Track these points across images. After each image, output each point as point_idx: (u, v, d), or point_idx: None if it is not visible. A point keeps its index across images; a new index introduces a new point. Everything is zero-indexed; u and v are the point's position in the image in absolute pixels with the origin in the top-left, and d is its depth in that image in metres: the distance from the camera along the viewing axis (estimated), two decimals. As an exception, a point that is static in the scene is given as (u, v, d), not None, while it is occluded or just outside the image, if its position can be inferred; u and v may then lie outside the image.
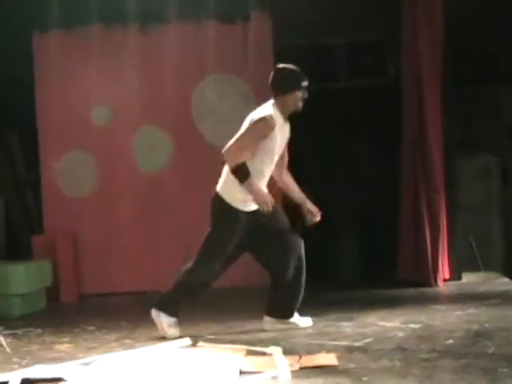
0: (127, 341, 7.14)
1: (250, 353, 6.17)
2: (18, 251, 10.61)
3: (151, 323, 7.14)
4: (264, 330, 7.15)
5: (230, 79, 9.77)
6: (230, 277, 9.70)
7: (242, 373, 5.51)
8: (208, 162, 9.88)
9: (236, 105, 9.63)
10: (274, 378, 5.35)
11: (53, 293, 10.06)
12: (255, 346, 6.39)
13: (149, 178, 10.27)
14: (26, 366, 6.02)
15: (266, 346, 6.33)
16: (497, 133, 10.18)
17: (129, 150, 10.16)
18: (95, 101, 10.18)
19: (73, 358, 6.40)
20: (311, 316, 7.48)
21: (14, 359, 6.46)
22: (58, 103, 10.32)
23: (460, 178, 10.09)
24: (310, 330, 7.08)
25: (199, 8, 10.14)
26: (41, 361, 6.16)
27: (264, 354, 6.11)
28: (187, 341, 6.73)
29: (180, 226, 10.25)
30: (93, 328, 7.90)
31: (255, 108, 6.97)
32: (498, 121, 9.93)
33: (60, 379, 5.53)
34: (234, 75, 9.80)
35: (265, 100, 6.97)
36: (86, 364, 6.11)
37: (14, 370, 5.88)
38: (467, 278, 9.88)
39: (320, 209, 7.10)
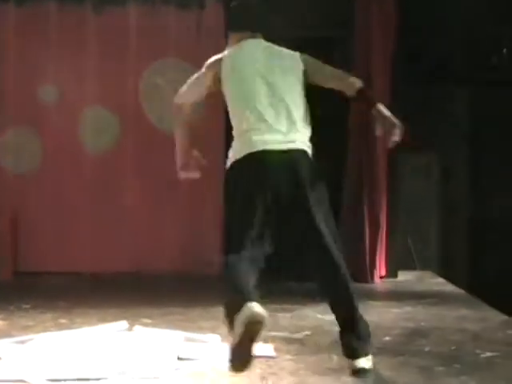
0: (63, 321, 7.07)
1: (188, 339, 6.16)
2: None
3: (88, 305, 7.08)
4: (203, 318, 7.08)
5: (181, 65, 9.72)
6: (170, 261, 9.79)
7: (179, 359, 5.52)
8: (155, 146, 9.87)
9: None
10: (211, 365, 5.37)
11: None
12: (194, 332, 6.38)
13: (95, 159, 10.19)
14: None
15: (205, 333, 6.34)
16: (442, 132, 10.25)
17: (76, 130, 10.06)
18: (45, 78, 10.06)
19: (7, 335, 6.34)
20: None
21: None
22: (7, 76, 10.17)
23: (401, 175, 10.13)
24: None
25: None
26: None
27: (201, 341, 6.12)
28: (124, 324, 6.70)
29: (123, 209, 10.20)
30: (28, 306, 7.81)
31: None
32: (446, 121, 9.97)
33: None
34: (186, 62, 9.74)
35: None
36: (21, 342, 6.07)
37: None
38: (403, 276, 9.99)
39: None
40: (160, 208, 10.15)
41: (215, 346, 5.93)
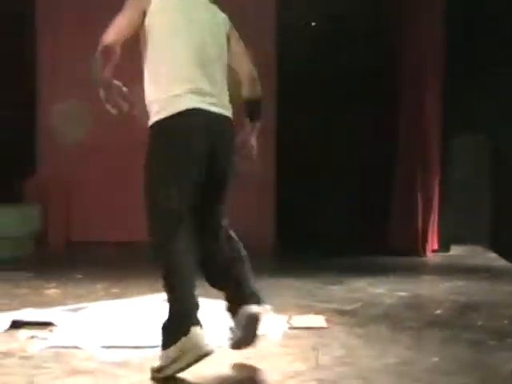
0: (115, 290, 7.18)
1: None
2: (9, 195, 10.60)
3: (139, 274, 7.15)
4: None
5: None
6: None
7: (231, 328, 5.56)
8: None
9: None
10: (264, 335, 5.41)
11: (41, 238, 10.09)
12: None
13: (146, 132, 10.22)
14: (15, 309, 6.06)
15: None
16: (491, 115, 10.19)
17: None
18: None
19: (61, 303, 6.45)
20: (301, 278, 7.55)
21: (3, 301, 6.50)
22: (60, 53, 10.27)
23: (454, 155, 10.13)
24: (301, 291, 7.12)
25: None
26: (29, 305, 6.18)
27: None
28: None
29: None
30: (80, 276, 7.93)
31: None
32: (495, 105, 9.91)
33: (49, 323, 5.59)
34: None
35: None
36: (74, 310, 6.17)
37: (2, 311, 5.93)
38: (455, 250, 9.97)
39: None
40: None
41: (269, 318, 5.96)
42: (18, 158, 10.59)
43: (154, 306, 6.27)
